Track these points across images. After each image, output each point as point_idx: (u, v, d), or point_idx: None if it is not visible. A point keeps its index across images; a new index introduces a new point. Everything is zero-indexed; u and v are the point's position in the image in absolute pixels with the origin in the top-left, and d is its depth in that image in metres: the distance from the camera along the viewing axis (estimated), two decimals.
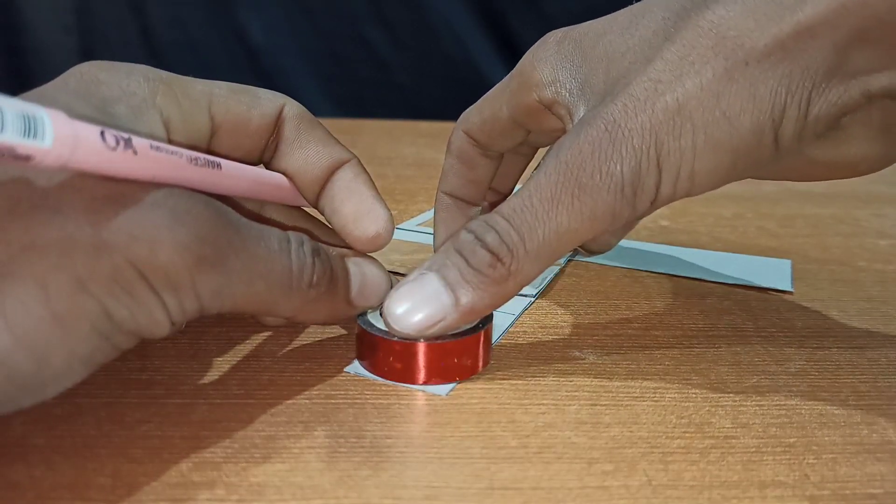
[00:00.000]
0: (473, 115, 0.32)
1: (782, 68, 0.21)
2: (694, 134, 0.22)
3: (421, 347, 0.23)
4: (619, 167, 0.22)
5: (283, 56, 1.25)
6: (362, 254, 0.25)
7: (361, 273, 0.24)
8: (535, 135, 0.31)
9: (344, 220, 0.25)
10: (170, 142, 0.22)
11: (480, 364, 0.24)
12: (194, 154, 0.21)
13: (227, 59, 1.26)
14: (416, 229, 0.40)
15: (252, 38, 1.25)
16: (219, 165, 0.22)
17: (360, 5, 1.26)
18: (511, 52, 0.93)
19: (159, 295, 0.18)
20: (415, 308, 0.23)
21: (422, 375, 0.23)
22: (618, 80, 0.24)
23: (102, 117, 0.20)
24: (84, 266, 0.17)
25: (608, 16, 0.27)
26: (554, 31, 0.29)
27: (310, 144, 0.25)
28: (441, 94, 0.87)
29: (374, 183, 0.26)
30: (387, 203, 0.26)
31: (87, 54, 1.22)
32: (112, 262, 0.18)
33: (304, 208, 0.28)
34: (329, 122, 0.27)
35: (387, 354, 0.23)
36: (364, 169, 0.26)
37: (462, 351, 0.23)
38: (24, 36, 1.10)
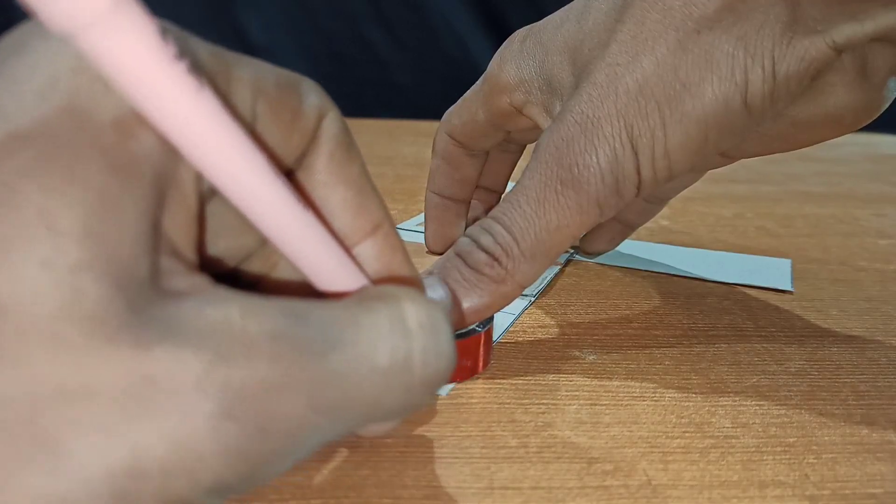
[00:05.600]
0: (454, 117, 0.32)
1: (736, 31, 0.21)
2: (660, 110, 0.22)
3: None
4: (594, 157, 0.22)
5: (283, 56, 1.26)
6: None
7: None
8: (516, 133, 0.31)
9: None
10: None
11: (481, 365, 0.24)
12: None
13: None
14: (416, 229, 0.40)
15: (252, 38, 1.25)
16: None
17: (360, 5, 1.26)
18: None
19: None
20: None
21: None
22: (583, 69, 0.24)
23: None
24: None
25: (567, 6, 0.27)
26: (519, 30, 0.29)
27: (339, 188, 0.17)
28: (441, 94, 0.87)
29: (407, 251, 0.19)
30: (389, 207, 0.26)
31: None
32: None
33: None
34: None
35: None
36: (396, 232, 0.18)
37: (462, 352, 0.23)
38: None
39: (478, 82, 0.31)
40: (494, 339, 0.26)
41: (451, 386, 0.23)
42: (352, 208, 0.17)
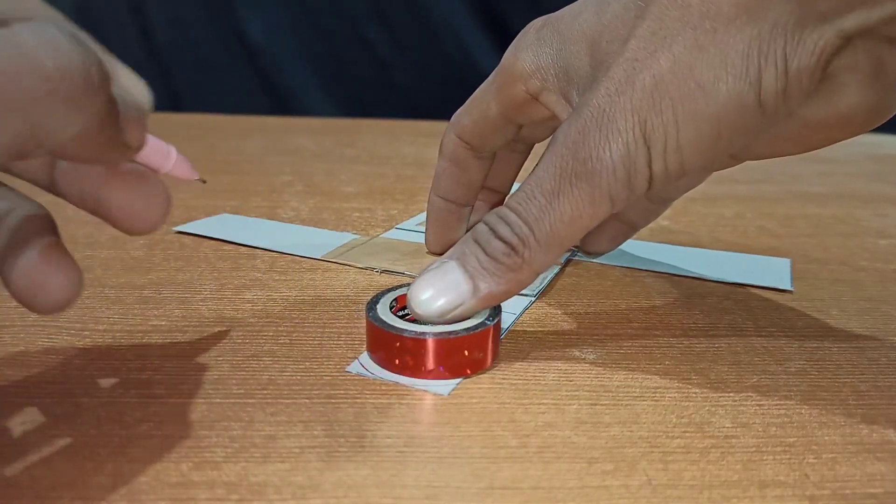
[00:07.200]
0: (463, 117, 0.32)
1: (750, 30, 0.21)
2: (673, 108, 0.22)
3: (430, 343, 0.23)
4: (608, 152, 0.23)
5: (283, 56, 1.26)
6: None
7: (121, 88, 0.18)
8: (527, 128, 0.31)
9: None
10: None
11: (490, 358, 0.24)
12: None
13: (227, 59, 1.26)
14: (416, 229, 0.40)
15: (252, 38, 1.25)
16: None
17: (360, 5, 1.27)
18: None
19: None
20: (437, 294, 0.24)
21: (432, 370, 0.23)
22: (601, 63, 0.24)
23: None
24: None
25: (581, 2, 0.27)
26: (535, 20, 0.29)
27: None
28: (441, 94, 0.87)
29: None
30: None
31: None
32: None
33: None
34: (329, 122, 0.27)
35: (397, 349, 0.23)
36: None
37: (473, 345, 0.23)
38: None
39: (489, 77, 0.31)
40: None
41: (457, 381, 0.23)
42: None
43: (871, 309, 0.32)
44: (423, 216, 0.41)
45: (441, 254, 0.35)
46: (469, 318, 0.24)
